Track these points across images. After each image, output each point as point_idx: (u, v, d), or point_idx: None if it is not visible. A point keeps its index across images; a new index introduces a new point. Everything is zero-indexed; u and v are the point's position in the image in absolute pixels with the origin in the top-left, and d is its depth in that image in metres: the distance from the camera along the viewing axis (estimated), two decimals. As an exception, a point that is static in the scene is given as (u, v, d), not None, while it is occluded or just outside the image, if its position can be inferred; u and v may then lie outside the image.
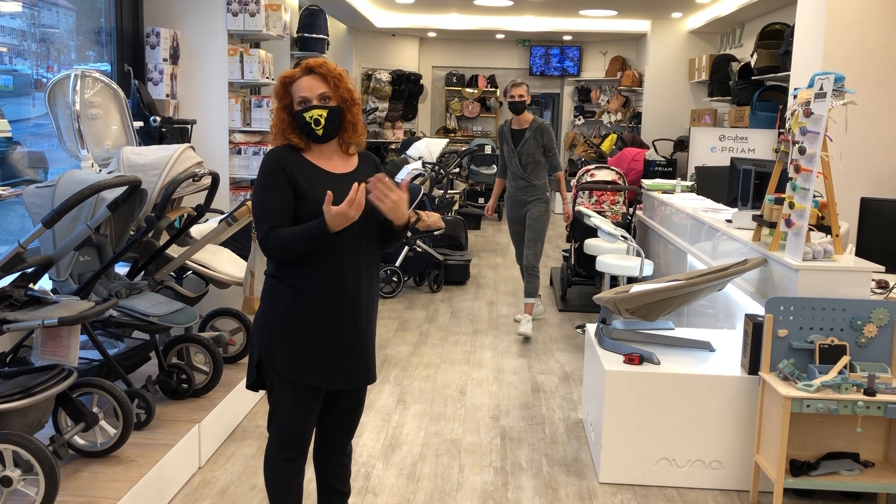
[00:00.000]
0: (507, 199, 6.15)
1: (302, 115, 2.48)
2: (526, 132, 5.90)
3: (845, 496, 3.49)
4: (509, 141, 5.96)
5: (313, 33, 7.60)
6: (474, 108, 14.74)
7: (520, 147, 5.89)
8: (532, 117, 5.92)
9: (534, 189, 5.95)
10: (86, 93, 4.39)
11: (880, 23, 5.16)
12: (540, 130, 5.87)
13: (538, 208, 5.94)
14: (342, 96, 2.51)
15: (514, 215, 6.12)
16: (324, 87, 2.48)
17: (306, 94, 2.48)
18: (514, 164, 5.94)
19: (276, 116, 2.53)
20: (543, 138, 5.87)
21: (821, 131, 3.33)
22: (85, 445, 3.31)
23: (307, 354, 2.51)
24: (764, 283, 3.76)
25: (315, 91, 2.48)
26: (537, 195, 5.95)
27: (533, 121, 5.90)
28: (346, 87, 2.52)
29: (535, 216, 5.93)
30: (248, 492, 3.48)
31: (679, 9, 10.40)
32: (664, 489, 3.60)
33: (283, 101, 2.52)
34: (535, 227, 5.93)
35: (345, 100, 2.51)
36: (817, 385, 3.17)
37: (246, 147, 5.90)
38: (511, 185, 6.04)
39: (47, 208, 3.30)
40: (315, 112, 2.47)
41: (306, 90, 2.48)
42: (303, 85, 2.49)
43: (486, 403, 4.63)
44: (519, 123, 5.94)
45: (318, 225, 2.37)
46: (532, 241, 5.94)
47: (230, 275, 4.41)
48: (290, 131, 2.52)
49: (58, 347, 3.06)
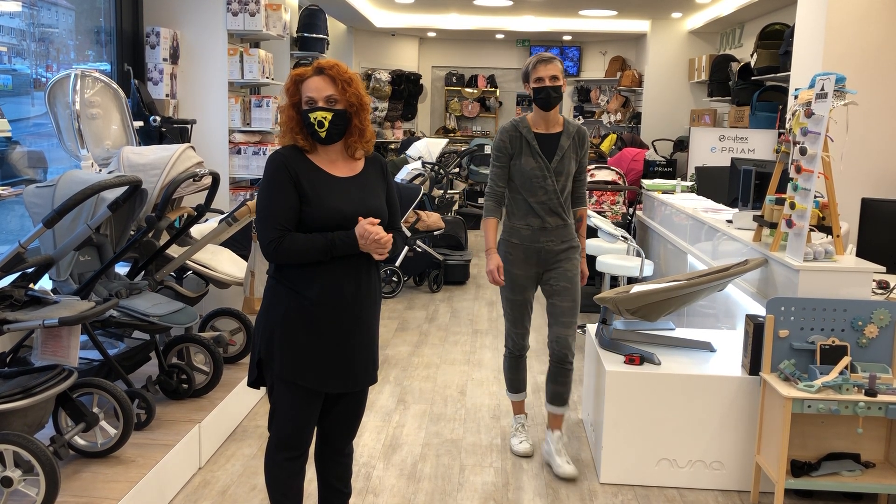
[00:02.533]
0: (510, 249, 3.77)
1: (307, 115, 2.47)
2: (562, 137, 3.72)
3: (846, 497, 3.49)
4: (535, 152, 3.68)
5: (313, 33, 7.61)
6: (474, 108, 14.74)
7: (556, 162, 3.69)
8: (563, 116, 3.83)
9: (567, 231, 3.77)
10: (86, 92, 4.39)
11: (880, 23, 5.16)
12: (580, 138, 3.78)
13: (574, 261, 3.79)
14: (350, 100, 2.48)
15: (525, 273, 3.76)
16: (331, 90, 2.47)
17: (313, 95, 2.47)
18: (540, 190, 3.68)
19: (286, 114, 2.52)
20: (583, 150, 3.81)
21: (822, 132, 3.32)
22: (85, 446, 3.31)
23: (306, 356, 2.51)
24: (765, 284, 3.76)
25: (322, 93, 2.47)
26: (570, 241, 3.78)
27: (567, 123, 3.79)
28: (355, 92, 2.49)
29: (572, 275, 3.76)
30: (249, 492, 3.48)
31: (679, 9, 10.40)
32: (665, 490, 3.60)
33: (292, 98, 2.51)
34: (573, 293, 3.75)
35: (352, 104, 2.49)
36: (818, 386, 3.17)
37: (246, 147, 5.89)
38: (523, 226, 3.73)
39: (48, 208, 3.29)
40: (319, 114, 2.46)
41: (313, 90, 2.47)
42: (311, 85, 2.48)
43: (487, 403, 4.63)
44: (547, 124, 3.73)
45: (347, 239, 2.42)
46: (568, 314, 3.74)
47: (230, 275, 4.40)
48: (297, 130, 2.51)
49: (58, 347, 3.06)
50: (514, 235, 3.75)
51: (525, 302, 3.85)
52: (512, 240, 3.75)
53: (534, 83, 3.67)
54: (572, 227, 3.80)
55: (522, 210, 3.72)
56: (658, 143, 10.77)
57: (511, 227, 3.77)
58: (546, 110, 3.68)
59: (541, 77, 3.65)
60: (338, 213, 2.46)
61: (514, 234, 3.75)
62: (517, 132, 3.73)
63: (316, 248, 2.43)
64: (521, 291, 3.81)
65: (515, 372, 3.99)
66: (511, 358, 3.98)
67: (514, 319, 3.89)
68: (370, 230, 2.42)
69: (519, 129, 3.73)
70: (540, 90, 3.65)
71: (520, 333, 3.92)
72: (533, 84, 3.67)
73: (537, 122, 3.75)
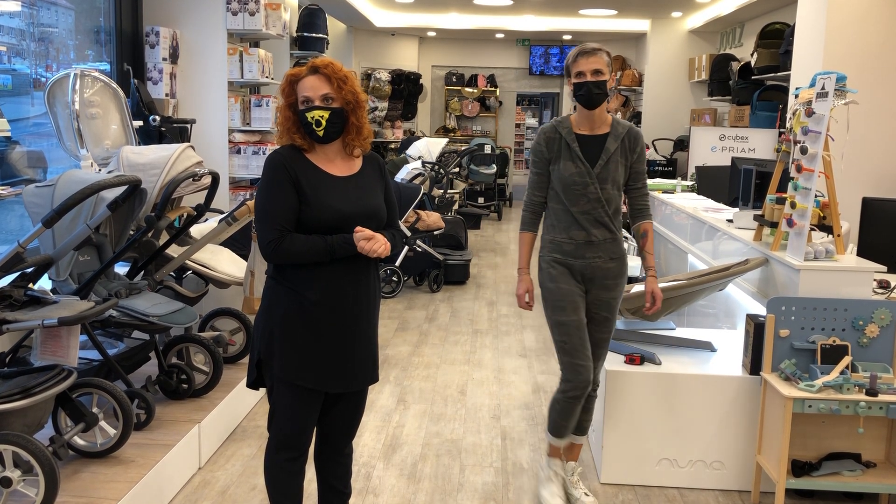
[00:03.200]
0: (552, 265, 3.27)
1: (304, 115, 2.47)
2: (608, 140, 3.23)
3: (847, 497, 3.48)
4: (576, 157, 3.20)
5: (313, 32, 7.60)
6: (474, 108, 14.74)
7: (601, 167, 3.20)
8: (613, 116, 3.33)
9: (616, 246, 3.26)
10: (85, 92, 4.38)
11: (880, 22, 5.15)
12: (631, 141, 3.26)
13: (620, 287, 3.30)
14: (346, 98, 2.48)
15: (574, 288, 3.25)
16: (327, 88, 2.47)
17: (309, 94, 2.47)
18: (581, 198, 3.19)
19: (282, 115, 2.52)
20: (635, 154, 3.27)
21: (822, 131, 3.32)
22: (85, 446, 3.30)
23: (306, 357, 2.50)
24: (765, 283, 3.76)
25: (318, 91, 2.46)
26: (619, 258, 3.27)
27: (616, 123, 3.27)
28: (351, 90, 2.49)
29: (615, 304, 3.30)
30: (249, 492, 3.47)
31: (679, 8, 10.39)
32: (665, 490, 3.59)
33: (288, 99, 2.51)
34: (612, 324, 3.33)
35: (349, 102, 2.49)
36: (819, 385, 3.17)
37: (245, 146, 5.89)
38: (566, 239, 3.24)
39: (47, 208, 3.29)
40: (316, 113, 2.46)
41: (309, 90, 2.47)
42: (307, 84, 2.48)
43: (487, 403, 4.63)
44: (592, 125, 3.25)
45: (344, 243, 2.43)
46: (603, 346, 3.34)
47: (230, 275, 4.40)
48: (294, 130, 2.51)
49: (57, 347, 3.05)
50: (556, 250, 3.26)
51: (581, 324, 3.19)
52: (554, 255, 3.26)
53: (574, 78, 3.18)
54: (621, 241, 3.28)
55: (565, 222, 3.23)
56: (658, 143, 10.76)
57: (553, 242, 3.27)
58: (589, 108, 3.18)
59: (581, 71, 3.15)
60: (336, 213, 2.46)
61: (557, 249, 3.25)
62: (556, 133, 3.26)
63: (315, 251, 2.43)
64: (574, 310, 3.19)
65: (568, 417, 3.27)
66: (566, 400, 3.23)
67: (572, 348, 3.18)
68: (365, 248, 2.44)
69: (559, 129, 3.26)
70: (580, 86, 3.16)
71: (585, 366, 3.18)
72: (574, 79, 3.19)
73: (580, 121, 3.26)
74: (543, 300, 3.29)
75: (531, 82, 14.94)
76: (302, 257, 2.44)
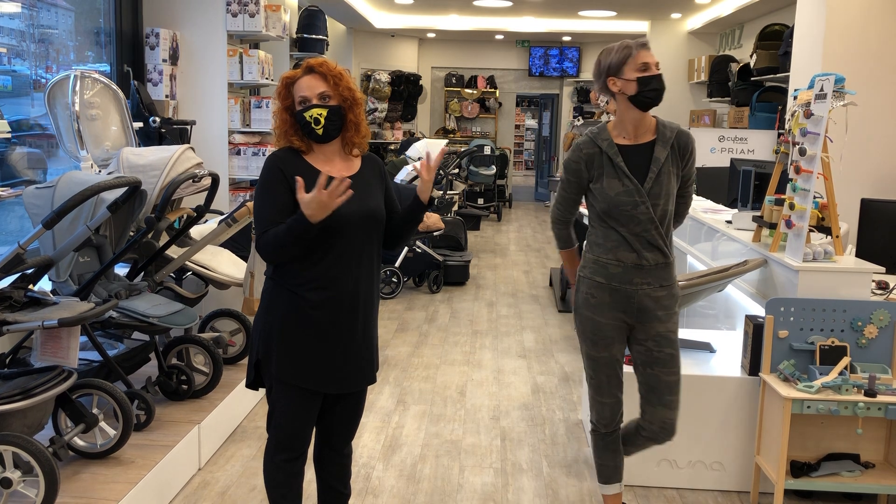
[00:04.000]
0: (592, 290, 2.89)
1: (302, 115, 2.47)
2: (655, 147, 2.82)
3: (846, 497, 3.49)
4: (621, 173, 2.80)
5: (312, 34, 7.60)
6: (473, 109, 14.74)
7: (651, 181, 2.79)
8: (656, 118, 2.90)
9: (668, 272, 2.88)
10: (85, 93, 4.39)
11: (880, 23, 5.16)
12: (682, 145, 2.85)
13: (675, 316, 2.92)
14: (342, 95, 2.49)
15: (613, 321, 2.88)
16: (323, 87, 2.48)
17: (306, 94, 2.47)
18: (630, 220, 2.80)
19: (278, 118, 2.53)
20: (684, 162, 2.87)
21: (821, 132, 3.33)
22: (85, 447, 3.31)
23: (304, 358, 2.50)
24: (764, 284, 3.76)
25: (315, 90, 2.47)
26: (671, 285, 2.90)
27: (661, 126, 2.86)
28: (347, 86, 2.50)
29: (675, 336, 2.92)
30: (248, 493, 3.47)
31: (678, 9, 10.40)
32: (664, 490, 3.60)
33: (284, 102, 2.52)
34: (678, 361, 2.93)
35: (345, 99, 2.50)
36: (818, 386, 3.17)
37: (245, 148, 5.89)
38: (612, 261, 2.84)
39: (47, 209, 3.29)
40: (315, 111, 2.46)
41: (306, 89, 2.48)
42: (303, 84, 2.49)
43: (486, 404, 4.63)
44: (636, 132, 2.84)
45: (298, 216, 2.33)
46: (674, 390, 2.93)
47: (230, 276, 4.40)
48: (291, 132, 2.51)
49: (57, 348, 3.05)
50: (598, 273, 2.85)
51: (612, 361, 2.91)
52: (596, 278, 2.85)
53: (638, 71, 2.74)
54: (674, 266, 2.90)
55: (612, 241, 2.82)
56: (658, 144, 10.74)
57: (595, 262, 2.86)
58: (647, 109, 2.79)
59: (647, 63, 2.76)
60: (334, 214, 2.46)
61: (600, 272, 2.85)
62: (594, 147, 2.82)
63: (283, 233, 2.35)
64: (606, 346, 2.89)
65: (607, 455, 3.02)
66: (598, 436, 3.02)
67: (600, 385, 2.94)
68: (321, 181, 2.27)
69: (597, 142, 2.82)
70: (648, 80, 2.74)
71: (608, 404, 2.95)
72: (637, 73, 2.74)
73: (622, 130, 2.84)
74: (577, 324, 2.98)
75: (531, 83, 14.95)
76: (279, 246, 2.38)
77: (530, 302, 7.20)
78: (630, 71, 2.76)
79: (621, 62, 2.77)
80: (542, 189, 16.13)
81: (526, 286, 7.89)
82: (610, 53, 2.81)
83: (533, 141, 20.76)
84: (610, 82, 2.80)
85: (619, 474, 3.04)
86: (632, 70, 2.76)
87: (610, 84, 2.81)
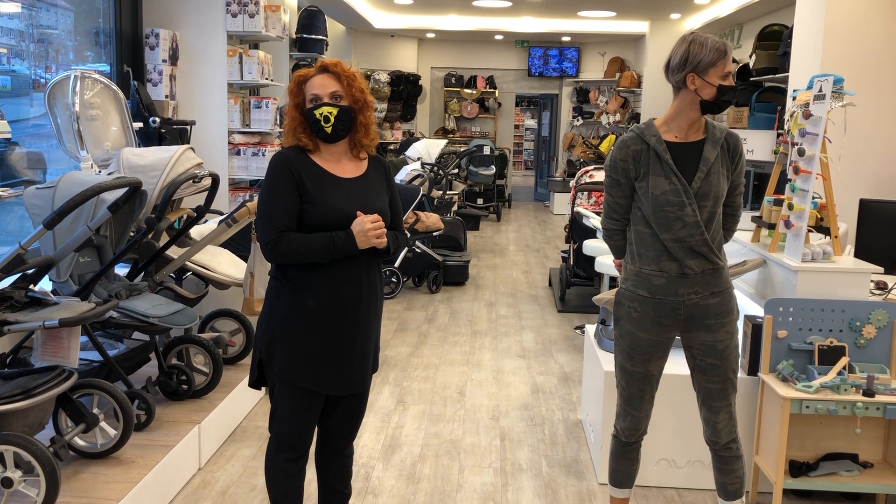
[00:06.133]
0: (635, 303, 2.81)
1: (312, 113, 2.48)
2: (705, 146, 2.73)
3: (844, 497, 3.50)
4: (669, 170, 2.70)
5: (312, 34, 7.61)
6: (473, 109, 14.75)
7: (700, 180, 2.70)
8: (706, 118, 2.78)
9: (718, 277, 2.78)
10: (85, 94, 4.39)
11: (879, 24, 5.17)
12: (731, 146, 2.77)
13: (728, 325, 2.81)
14: (354, 96, 2.51)
15: (653, 336, 2.81)
16: (336, 86, 2.49)
17: (318, 92, 2.49)
18: (676, 222, 2.69)
19: (289, 115, 2.54)
20: (733, 165, 2.79)
21: (820, 133, 3.33)
22: (85, 446, 3.31)
23: (306, 358, 2.51)
24: (763, 285, 3.77)
25: (327, 89, 2.48)
26: (723, 291, 2.79)
27: (710, 126, 2.76)
28: (359, 88, 2.52)
29: (723, 347, 2.81)
30: (249, 493, 3.48)
31: (678, 10, 10.41)
32: (663, 490, 3.60)
33: (296, 99, 2.53)
34: (724, 371, 2.84)
35: (357, 100, 2.51)
36: (816, 386, 3.18)
37: (245, 148, 5.90)
38: (655, 272, 2.75)
39: (48, 210, 3.30)
40: (325, 109, 2.47)
41: (318, 88, 2.49)
42: (315, 83, 2.50)
43: (486, 404, 4.64)
44: (686, 130, 2.74)
45: (346, 237, 2.42)
46: (717, 397, 2.87)
47: (230, 276, 4.41)
48: (301, 130, 2.52)
49: (58, 349, 3.06)
50: (641, 286, 2.76)
51: (647, 376, 2.84)
52: (639, 292, 2.76)
53: (721, 79, 2.64)
54: (725, 270, 2.78)
55: (654, 250, 2.72)
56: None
57: (638, 274, 2.77)
58: (715, 111, 2.68)
59: (729, 73, 2.67)
60: (340, 214, 2.47)
61: (643, 285, 2.75)
62: (642, 143, 2.71)
63: (315, 249, 2.43)
64: (642, 362, 2.82)
65: (622, 462, 3.03)
66: (618, 443, 3.01)
67: (630, 397, 2.89)
68: (364, 218, 2.44)
69: (645, 138, 2.71)
70: (727, 90, 2.64)
71: (634, 417, 2.91)
72: (720, 80, 2.64)
73: (671, 126, 2.74)
74: (615, 335, 2.91)
75: (530, 84, 14.95)
76: (301, 256, 2.45)
77: (530, 302, 7.21)
78: (715, 76, 2.64)
79: (711, 63, 2.63)
80: (541, 189, 16.13)
81: (525, 286, 7.89)
82: (703, 49, 2.64)
83: (532, 141, 20.78)
84: (690, 77, 2.65)
85: (631, 481, 3.07)
86: (716, 75, 2.64)
87: (689, 79, 2.66)
